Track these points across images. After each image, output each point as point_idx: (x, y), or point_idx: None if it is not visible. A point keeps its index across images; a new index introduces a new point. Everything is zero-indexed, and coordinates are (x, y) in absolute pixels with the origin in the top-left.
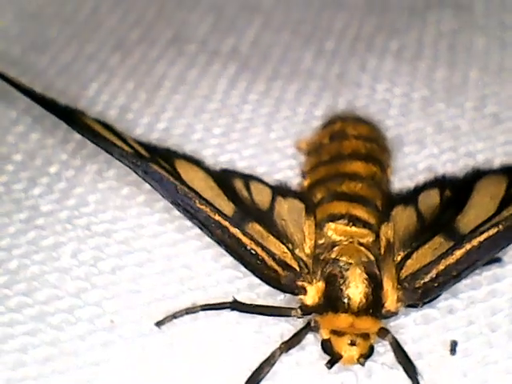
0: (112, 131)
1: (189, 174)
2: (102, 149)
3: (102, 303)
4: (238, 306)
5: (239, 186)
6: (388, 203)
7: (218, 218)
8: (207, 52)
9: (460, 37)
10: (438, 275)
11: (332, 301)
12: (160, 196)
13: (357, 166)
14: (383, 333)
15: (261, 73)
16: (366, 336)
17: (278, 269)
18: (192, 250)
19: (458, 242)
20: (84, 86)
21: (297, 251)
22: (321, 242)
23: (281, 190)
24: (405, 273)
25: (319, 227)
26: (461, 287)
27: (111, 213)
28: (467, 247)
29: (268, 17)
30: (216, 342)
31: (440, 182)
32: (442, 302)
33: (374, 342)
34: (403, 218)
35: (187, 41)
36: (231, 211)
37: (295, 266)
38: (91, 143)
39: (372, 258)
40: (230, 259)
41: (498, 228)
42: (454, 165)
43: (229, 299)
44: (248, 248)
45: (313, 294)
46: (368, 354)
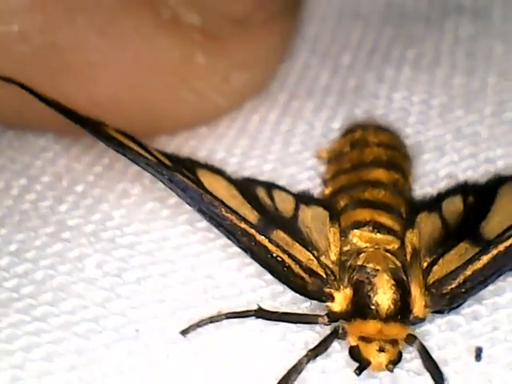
0: (135, 142)
1: (212, 183)
2: (128, 158)
3: (127, 312)
4: (262, 314)
5: (262, 194)
6: (412, 210)
7: (244, 226)
8: None
9: (478, 43)
10: (465, 281)
11: (360, 307)
12: (183, 210)
13: (379, 174)
14: (411, 339)
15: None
16: (394, 342)
17: (305, 276)
18: (215, 260)
19: (485, 248)
20: None
21: (322, 258)
22: (346, 248)
23: (304, 198)
24: (432, 279)
25: (344, 234)
26: (485, 293)
27: (135, 226)
28: (494, 252)
29: None
30: (240, 351)
31: (463, 189)
32: (467, 308)
33: (403, 348)
34: (428, 225)
35: None
36: (255, 219)
37: (321, 272)
38: (117, 165)
39: (399, 264)
40: (253, 269)
41: None
42: (474, 171)
43: (253, 307)
44: (274, 255)
45: (340, 300)
46: (397, 361)
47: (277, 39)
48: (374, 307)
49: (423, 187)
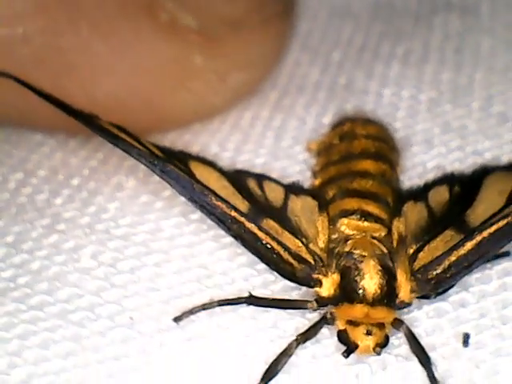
0: (128, 134)
1: (203, 174)
2: (121, 149)
3: (122, 301)
4: (254, 301)
5: (252, 185)
6: (399, 199)
7: (234, 214)
8: None
9: (466, 39)
10: (450, 266)
11: (347, 292)
12: (177, 202)
13: (367, 164)
14: (398, 323)
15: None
16: (381, 326)
17: (294, 262)
18: (208, 250)
19: (469, 234)
20: None
21: (311, 245)
22: (334, 236)
23: (293, 189)
24: (417, 265)
25: (332, 223)
26: (472, 281)
27: (130, 218)
28: (478, 238)
29: None
30: (233, 338)
31: (449, 179)
32: (454, 295)
33: (389, 332)
34: (414, 213)
35: None
36: (246, 209)
37: (310, 259)
38: (112, 160)
39: (385, 250)
40: (245, 258)
41: (508, 219)
42: (461, 163)
43: (245, 295)
44: (264, 242)
45: (328, 285)
46: (384, 344)
47: (272, 40)
48: (360, 291)
49: (412, 179)
